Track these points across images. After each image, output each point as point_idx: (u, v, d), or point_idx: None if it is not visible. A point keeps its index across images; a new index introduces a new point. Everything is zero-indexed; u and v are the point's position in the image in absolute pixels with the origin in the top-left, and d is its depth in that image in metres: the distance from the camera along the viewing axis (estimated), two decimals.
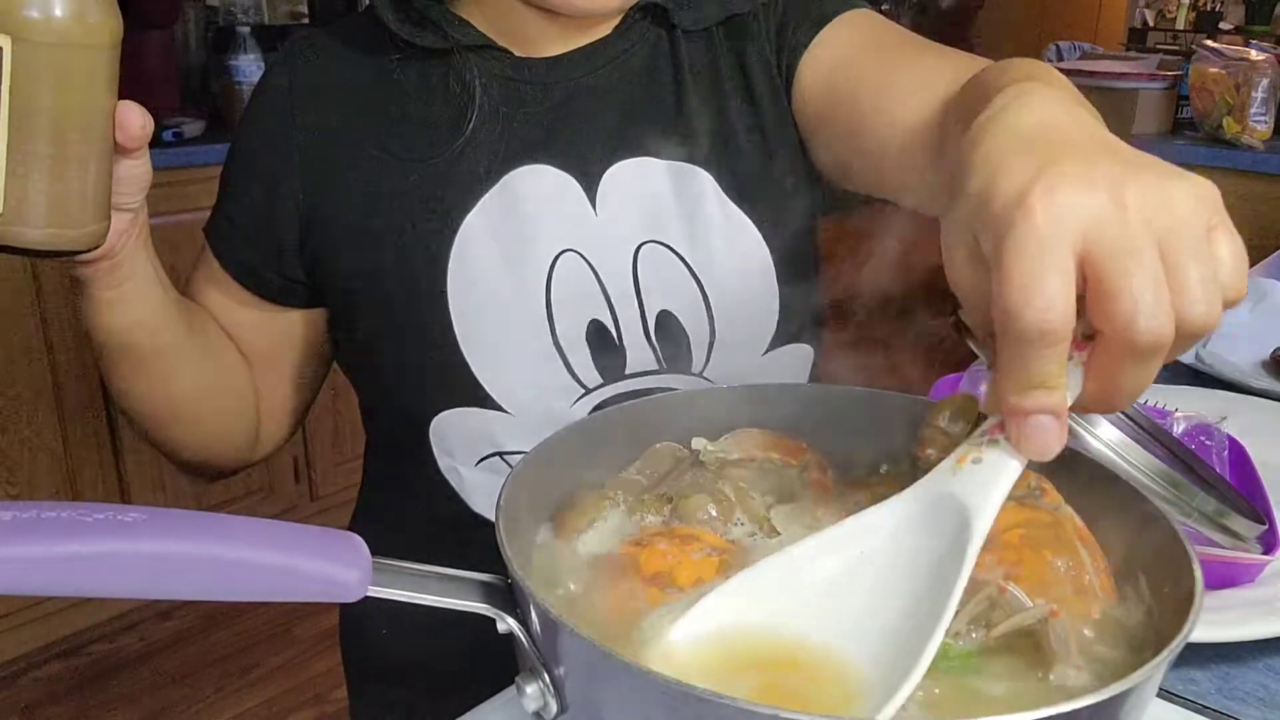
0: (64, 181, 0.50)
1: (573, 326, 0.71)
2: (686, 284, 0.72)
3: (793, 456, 0.62)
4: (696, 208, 0.73)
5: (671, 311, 0.72)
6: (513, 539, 0.46)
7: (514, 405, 0.70)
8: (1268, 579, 0.67)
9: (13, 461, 2.15)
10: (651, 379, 0.72)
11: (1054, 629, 0.47)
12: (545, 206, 0.72)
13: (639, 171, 0.73)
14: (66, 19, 0.47)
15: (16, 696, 2.16)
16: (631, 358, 0.72)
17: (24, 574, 0.40)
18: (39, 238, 0.50)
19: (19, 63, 0.47)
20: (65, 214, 0.51)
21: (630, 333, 0.72)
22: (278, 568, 0.43)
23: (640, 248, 0.72)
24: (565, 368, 0.71)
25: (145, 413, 0.74)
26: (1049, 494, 0.57)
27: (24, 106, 0.48)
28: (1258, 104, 2.44)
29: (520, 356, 0.70)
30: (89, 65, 0.49)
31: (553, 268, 0.71)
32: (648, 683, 0.40)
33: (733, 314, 0.72)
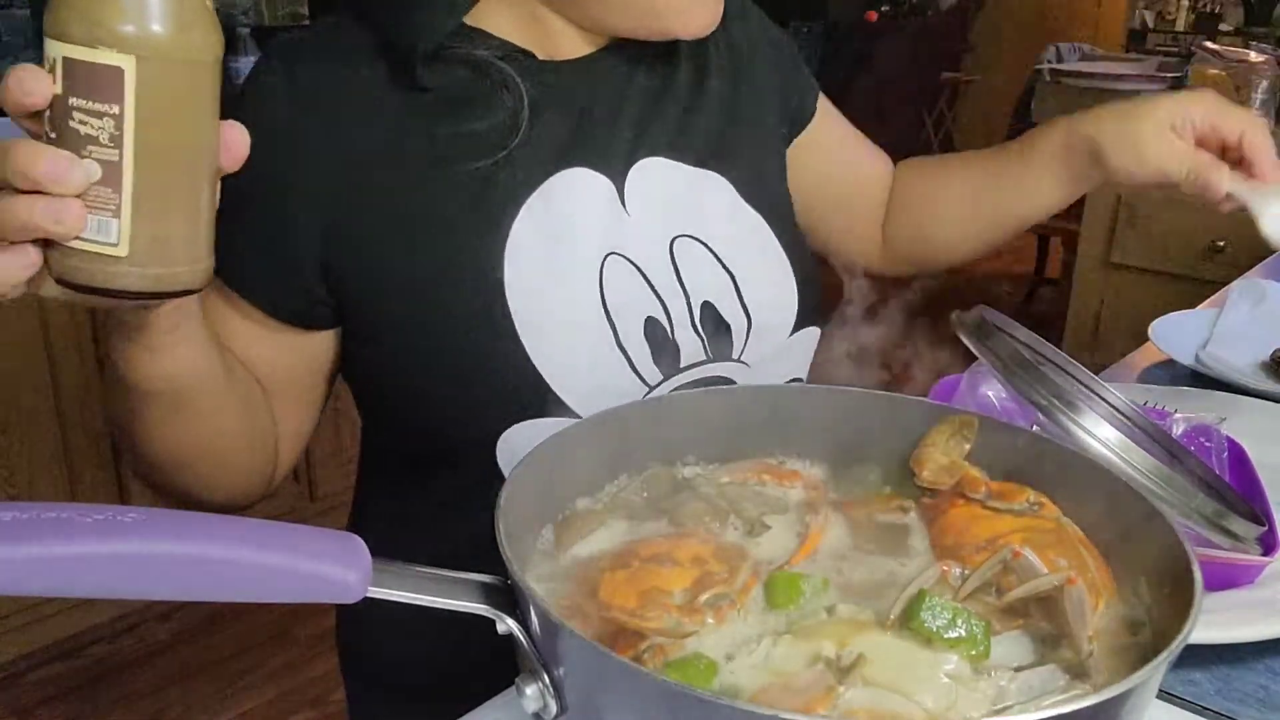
0: (193, 213, 0.47)
1: (631, 326, 0.72)
2: (719, 274, 0.76)
3: (785, 480, 0.62)
4: (713, 204, 0.77)
5: (711, 301, 0.75)
6: (513, 541, 0.46)
7: (587, 410, 0.69)
8: (1267, 580, 0.67)
9: (12, 462, 2.15)
10: (701, 369, 0.74)
11: (1070, 597, 0.47)
12: (583, 209, 0.72)
13: (657, 171, 0.76)
14: (191, 33, 0.44)
15: (16, 698, 2.16)
16: (684, 350, 0.74)
17: (23, 574, 0.40)
18: (164, 277, 0.46)
19: (144, 85, 0.43)
20: (191, 250, 0.47)
21: (680, 326, 0.74)
22: (277, 568, 0.43)
23: (674, 242, 0.75)
24: (630, 367, 0.71)
25: (174, 458, 0.66)
26: (1047, 507, 0.57)
27: (152, 135, 0.44)
28: (1257, 105, 2.44)
29: (589, 362, 0.70)
30: (208, 82, 0.46)
31: (602, 270, 0.71)
32: (648, 684, 0.40)
33: (761, 300, 0.76)
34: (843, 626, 0.47)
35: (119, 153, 0.44)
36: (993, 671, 0.46)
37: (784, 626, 0.49)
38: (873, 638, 0.46)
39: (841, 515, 0.60)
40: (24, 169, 0.43)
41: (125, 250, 0.45)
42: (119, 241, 0.44)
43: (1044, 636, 0.49)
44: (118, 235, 0.44)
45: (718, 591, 0.50)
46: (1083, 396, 0.65)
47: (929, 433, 0.63)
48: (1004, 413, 0.77)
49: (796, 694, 0.43)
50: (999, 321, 0.70)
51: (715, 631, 0.48)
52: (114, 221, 0.44)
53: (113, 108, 0.43)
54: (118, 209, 0.44)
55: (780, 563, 0.55)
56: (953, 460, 0.61)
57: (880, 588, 0.53)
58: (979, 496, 0.58)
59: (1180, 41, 6.36)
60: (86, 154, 0.43)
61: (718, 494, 0.61)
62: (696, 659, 0.46)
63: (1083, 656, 0.46)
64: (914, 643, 0.46)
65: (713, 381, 0.75)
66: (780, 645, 0.46)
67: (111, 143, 0.43)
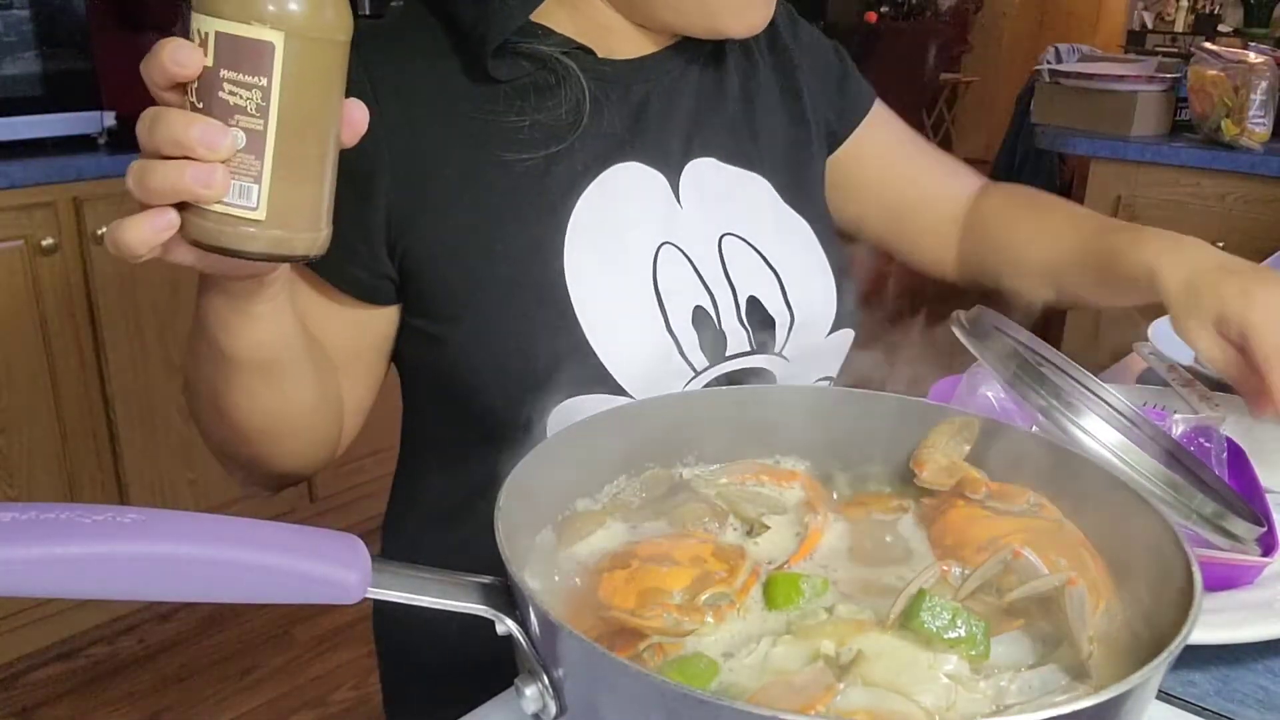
0: (320, 184, 0.50)
1: (681, 314, 0.75)
2: (764, 272, 0.79)
3: (783, 481, 0.63)
4: (757, 206, 0.81)
5: (757, 297, 0.78)
6: (512, 541, 0.46)
7: (636, 389, 0.72)
8: (1266, 581, 0.67)
9: (12, 463, 2.15)
10: (745, 360, 0.77)
11: (1071, 597, 0.47)
12: (638, 200, 0.76)
13: (708, 171, 0.80)
14: (330, 12, 0.47)
15: (16, 698, 2.16)
16: (730, 341, 0.77)
17: (23, 575, 0.40)
18: (292, 242, 0.49)
19: (289, 60, 0.46)
20: (317, 216, 0.50)
21: (727, 317, 0.77)
22: (277, 569, 0.43)
23: (722, 238, 0.78)
24: (679, 351, 0.74)
25: (255, 426, 0.67)
26: (1047, 508, 0.57)
27: (293, 106, 0.46)
28: (1256, 106, 2.44)
29: (640, 342, 0.73)
30: (341, 60, 0.48)
31: (656, 258, 0.75)
32: (647, 685, 0.40)
33: (802, 299, 0.79)
34: (842, 626, 0.47)
35: (263, 122, 0.46)
36: (993, 672, 0.46)
37: (783, 626, 0.49)
38: (872, 638, 0.46)
39: (841, 516, 0.60)
40: (176, 136, 0.45)
41: (263, 214, 0.47)
42: (257, 206, 0.47)
43: (1044, 637, 0.49)
44: (257, 200, 0.47)
45: (717, 591, 0.50)
46: (1082, 397, 0.65)
47: (929, 434, 0.63)
48: (1004, 413, 0.77)
49: (797, 692, 0.43)
50: (998, 322, 0.70)
51: (715, 631, 0.48)
52: (254, 187, 0.47)
53: (261, 80, 0.45)
54: (258, 175, 0.47)
55: (779, 563, 0.55)
56: (953, 461, 0.61)
57: (880, 588, 0.53)
58: (979, 497, 0.58)
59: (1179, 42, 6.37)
60: (234, 123, 0.46)
61: (717, 495, 0.61)
62: (696, 659, 0.46)
63: (1083, 657, 0.46)
64: (914, 643, 0.46)
65: (755, 372, 0.78)
66: (779, 645, 0.46)
67: (258, 113, 0.46)
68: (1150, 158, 2.52)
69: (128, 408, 2.28)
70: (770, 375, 0.78)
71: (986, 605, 0.50)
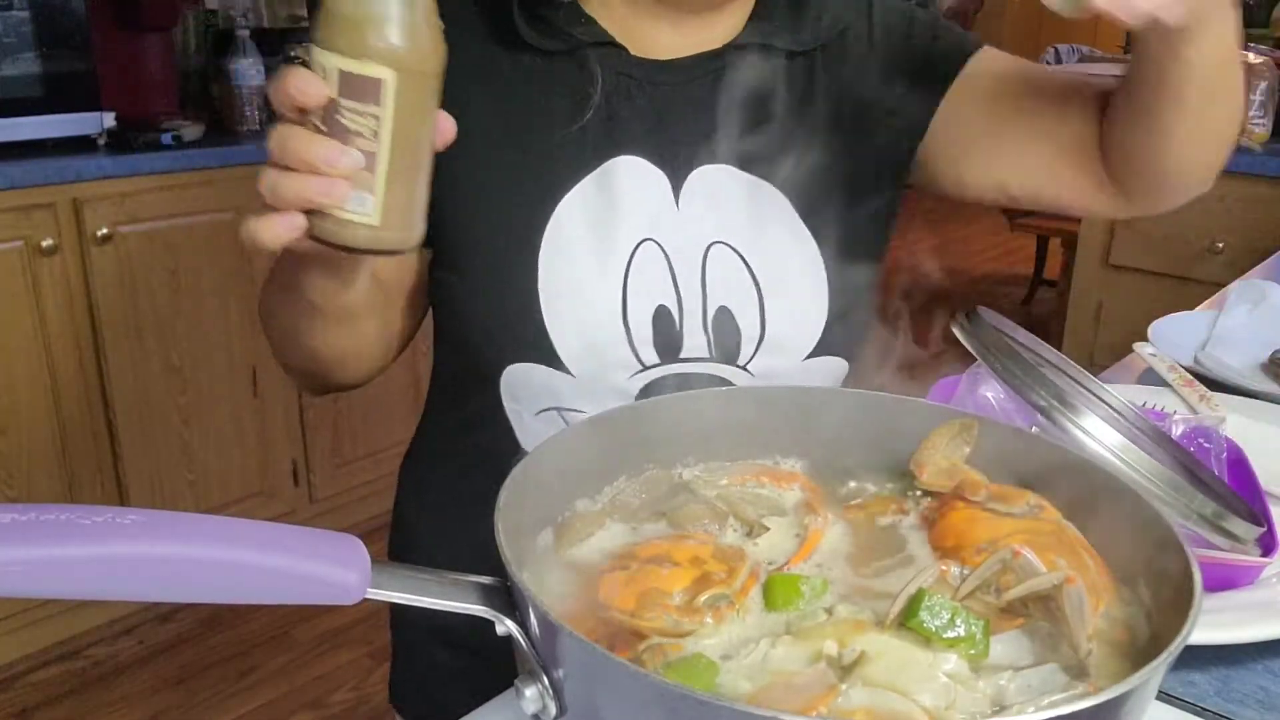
0: (419, 190, 0.58)
1: (642, 308, 0.77)
2: (746, 285, 0.78)
3: (783, 482, 0.63)
4: (766, 220, 0.79)
5: (729, 308, 0.78)
6: (512, 542, 0.46)
7: (578, 370, 0.77)
8: (1266, 581, 0.67)
9: (11, 464, 2.15)
10: (701, 365, 0.78)
11: (1069, 596, 0.47)
12: (635, 195, 0.78)
13: (721, 178, 0.79)
14: (432, 52, 0.56)
15: (15, 699, 2.16)
16: (687, 344, 0.78)
17: (23, 576, 0.40)
18: (399, 239, 0.58)
19: (401, 92, 0.54)
20: (416, 219, 0.58)
21: (691, 321, 0.77)
22: (277, 570, 0.43)
23: (711, 246, 0.78)
24: (629, 344, 0.76)
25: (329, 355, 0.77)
26: (1047, 509, 0.57)
27: (401, 129, 0.55)
28: (1256, 106, 2.44)
29: (591, 327, 0.76)
30: (438, 86, 0.57)
31: (634, 252, 0.77)
32: (647, 685, 0.40)
33: (782, 320, 0.78)
34: (842, 627, 0.47)
35: (377, 144, 0.55)
36: (992, 671, 0.46)
37: (783, 627, 0.49)
38: (872, 638, 0.46)
39: (840, 517, 0.60)
40: (305, 155, 0.54)
41: (377, 220, 0.56)
42: (373, 213, 0.56)
43: (1043, 636, 0.49)
44: (373, 208, 0.56)
45: (716, 592, 0.50)
46: (1082, 398, 0.65)
47: (929, 435, 0.63)
48: (1003, 414, 0.77)
49: (798, 692, 0.43)
50: (998, 323, 0.70)
51: (714, 632, 0.48)
52: (370, 197, 0.55)
53: (374, 109, 0.54)
54: (373, 187, 0.55)
55: (779, 564, 0.55)
56: (953, 463, 0.61)
57: (879, 589, 0.53)
58: (979, 499, 0.58)
59: None
60: (352, 143, 0.55)
61: (717, 496, 0.61)
62: (696, 659, 0.46)
63: (1082, 656, 0.46)
64: (913, 642, 0.46)
65: (713, 380, 0.77)
66: (779, 646, 0.47)
67: (372, 135, 0.55)
68: None
69: (127, 408, 2.28)
70: (730, 386, 0.78)
71: (986, 605, 0.50)
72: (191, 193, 2.27)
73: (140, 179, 2.19)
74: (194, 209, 2.29)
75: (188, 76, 2.68)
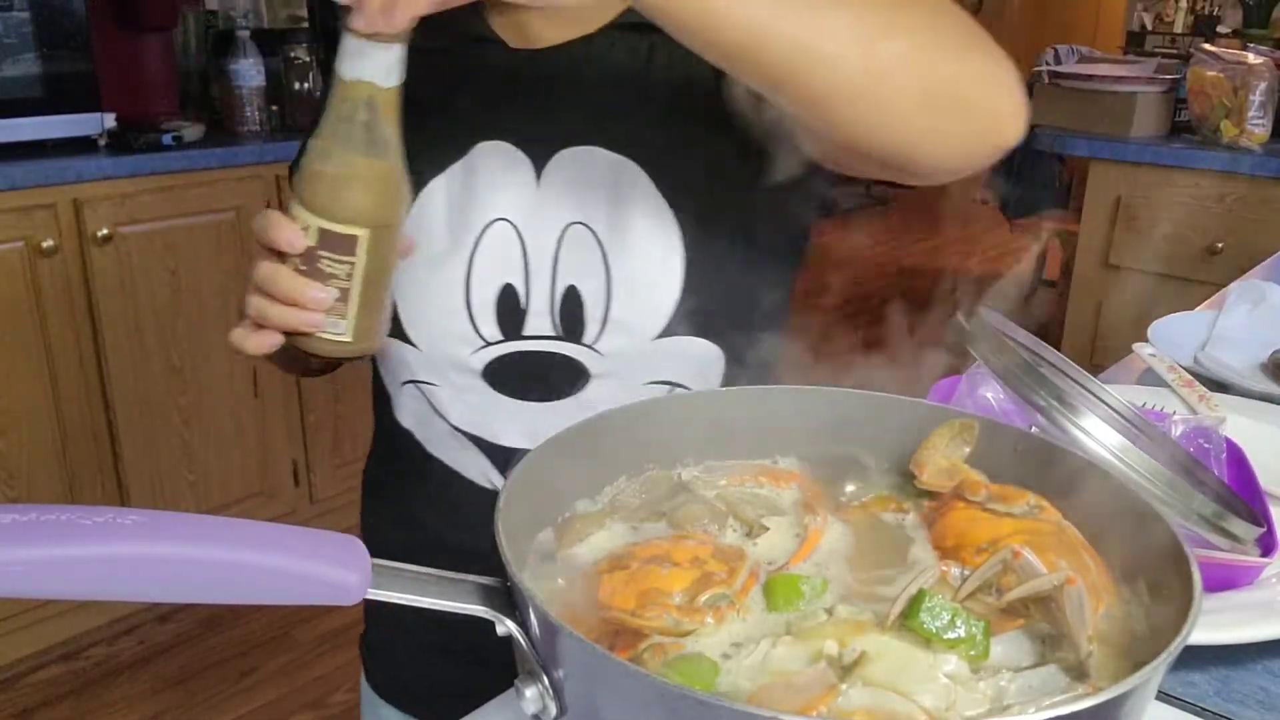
0: (386, 305, 0.68)
1: (487, 285, 0.79)
2: (597, 266, 0.78)
3: (782, 482, 0.63)
4: (626, 200, 0.78)
5: (577, 287, 0.78)
6: (512, 542, 0.46)
7: (423, 343, 0.80)
8: (1266, 581, 0.67)
9: (12, 464, 2.15)
10: (546, 343, 0.79)
11: (1070, 597, 0.47)
12: (496, 178, 0.80)
13: (585, 159, 0.79)
14: (397, 212, 0.65)
15: (15, 700, 2.16)
16: (531, 323, 0.79)
17: (23, 576, 0.40)
18: (367, 347, 0.68)
19: (373, 244, 0.64)
20: (383, 326, 0.69)
21: (537, 300, 0.79)
22: (277, 570, 0.43)
23: (569, 227, 0.79)
24: (469, 320, 0.79)
25: None
26: (1047, 510, 0.57)
27: (373, 270, 0.65)
28: (1255, 107, 2.44)
29: (434, 303, 0.80)
30: (400, 229, 0.66)
31: (485, 231, 0.79)
32: (647, 685, 0.40)
33: (629, 299, 0.78)
34: (842, 627, 0.47)
35: (351, 283, 0.64)
36: (992, 672, 0.46)
37: (783, 627, 0.49)
38: (871, 638, 0.46)
39: (840, 517, 0.60)
40: (288, 294, 0.63)
41: (350, 338, 0.66)
42: (346, 333, 0.66)
43: (1044, 637, 0.49)
44: (346, 329, 0.66)
45: (717, 592, 0.50)
46: (1082, 398, 0.65)
47: (929, 435, 0.63)
48: (1003, 414, 0.77)
49: (799, 692, 0.43)
50: (998, 323, 0.70)
51: (715, 632, 0.48)
52: (343, 322, 0.65)
53: (350, 258, 0.64)
54: (346, 314, 0.65)
55: (779, 564, 0.55)
56: (953, 463, 0.61)
57: (879, 590, 0.53)
58: (979, 499, 0.58)
59: (1178, 43, 6.37)
60: (329, 284, 0.64)
61: (716, 496, 0.61)
62: (696, 659, 0.46)
63: (1082, 657, 0.46)
64: (913, 643, 0.46)
65: (560, 359, 0.78)
66: (779, 646, 0.47)
67: (347, 278, 0.64)
68: (1150, 159, 2.52)
69: (128, 409, 2.28)
70: (579, 365, 0.78)
71: (986, 606, 0.50)
72: (192, 193, 2.27)
73: (140, 179, 2.19)
74: (194, 209, 2.29)
75: (188, 77, 2.68)
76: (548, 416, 0.79)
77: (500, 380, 0.79)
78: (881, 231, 6.27)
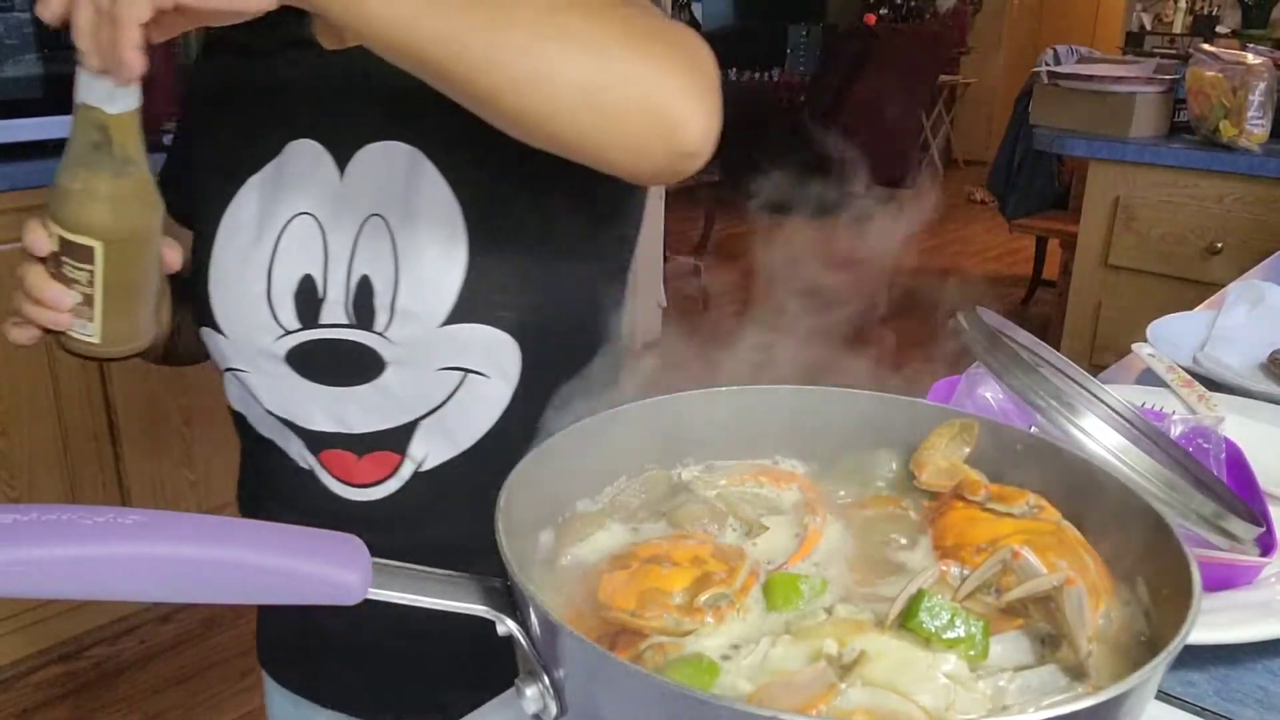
0: (139, 311, 0.74)
1: (287, 275, 0.82)
2: (388, 256, 0.81)
3: (782, 482, 0.63)
4: (417, 191, 0.81)
5: (370, 277, 0.81)
6: (512, 542, 0.47)
7: (230, 332, 0.85)
8: (1265, 581, 0.67)
9: (13, 464, 2.15)
10: (342, 331, 0.81)
11: (1070, 597, 0.47)
12: (303, 175, 0.83)
13: (385, 154, 0.82)
14: (135, 226, 0.70)
15: (16, 700, 2.16)
16: (327, 312, 0.82)
17: (24, 576, 0.40)
18: (120, 349, 0.74)
19: (109, 256, 0.69)
20: (137, 331, 0.74)
21: (334, 290, 0.81)
22: (278, 570, 0.43)
23: (368, 219, 0.82)
24: (269, 309, 0.82)
25: None
26: (1046, 509, 0.57)
27: (113, 279, 0.70)
28: (1254, 107, 2.44)
29: (238, 292, 0.84)
30: (150, 240, 0.72)
31: (288, 225, 0.83)
32: (648, 685, 0.40)
33: (415, 287, 0.80)
34: (841, 627, 0.48)
35: (93, 290, 0.70)
36: (992, 672, 0.46)
37: (783, 627, 0.49)
38: (871, 638, 0.46)
39: (840, 517, 0.60)
40: (36, 294, 0.70)
41: (98, 339, 0.72)
42: (94, 335, 0.72)
43: (1043, 637, 0.49)
44: (93, 332, 0.71)
45: (717, 591, 0.50)
46: (1081, 398, 0.65)
47: (929, 435, 0.63)
48: (1003, 414, 0.77)
49: (798, 691, 0.43)
50: (997, 323, 0.71)
51: (715, 631, 0.48)
52: (91, 324, 0.71)
53: (88, 266, 0.69)
54: (92, 318, 0.71)
55: (779, 564, 0.55)
56: (953, 463, 0.61)
57: (879, 589, 0.53)
58: (979, 499, 0.58)
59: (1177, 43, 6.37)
60: (73, 288, 0.70)
61: (716, 496, 0.61)
62: (696, 659, 0.46)
63: (1082, 657, 0.46)
64: (912, 643, 0.46)
65: (356, 346, 0.81)
66: (779, 645, 0.47)
67: (89, 284, 0.69)
68: (1149, 159, 2.52)
69: (129, 409, 2.28)
70: (374, 352, 0.80)
71: (986, 606, 0.50)
72: None
73: None
74: None
75: (188, 77, 2.68)
76: (349, 401, 0.82)
77: (304, 366, 0.82)
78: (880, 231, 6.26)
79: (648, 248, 3.98)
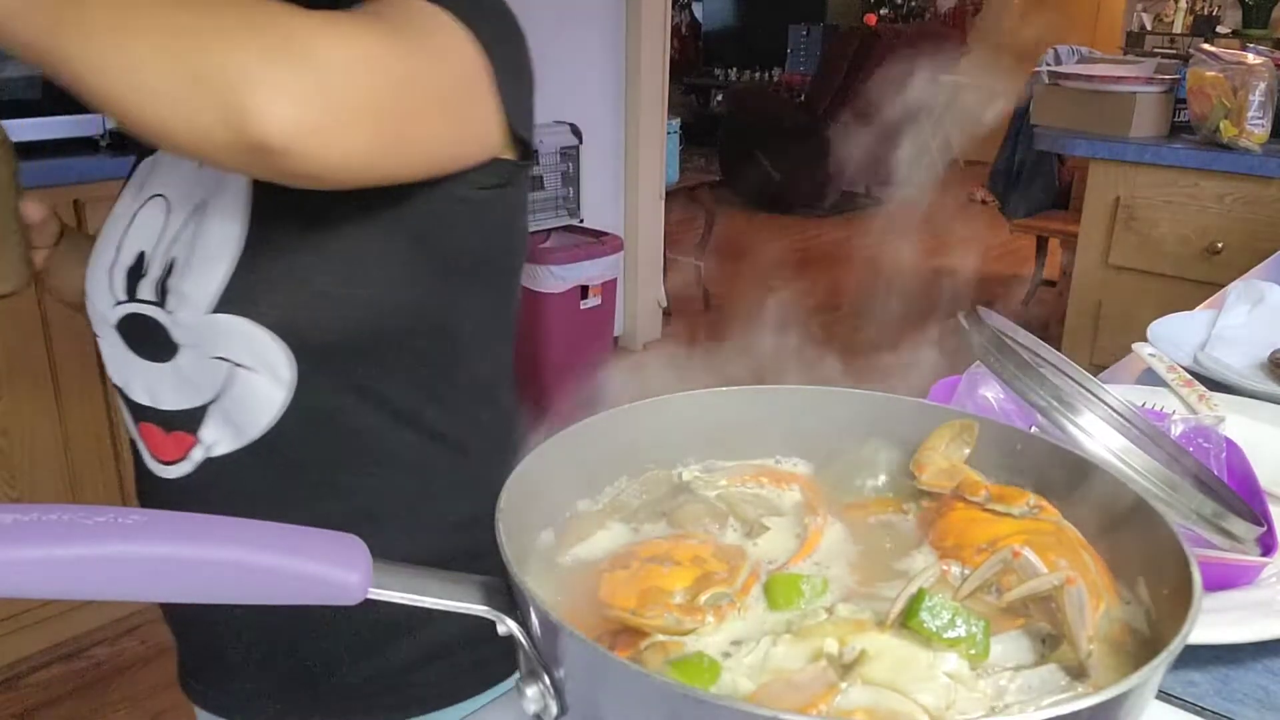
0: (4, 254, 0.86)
1: (130, 251, 0.88)
2: (189, 239, 0.85)
3: (782, 482, 0.63)
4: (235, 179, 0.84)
5: (176, 259, 0.85)
6: (513, 542, 0.47)
7: (88, 298, 0.91)
8: (1266, 581, 0.67)
9: (14, 464, 2.15)
10: (147, 308, 0.85)
11: (1070, 597, 0.47)
12: (172, 160, 0.89)
13: None
14: None
15: (18, 699, 2.16)
16: (143, 287, 0.86)
17: (25, 576, 0.40)
18: None
19: None
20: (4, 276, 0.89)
21: (154, 268, 0.86)
22: (279, 570, 0.43)
23: (200, 205, 0.85)
24: (108, 279, 0.88)
25: None
26: (1047, 509, 0.57)
27: None
28: (1255, 107, 2.44)
29: (96, 262, 0.90)
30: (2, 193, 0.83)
31: (145, 204, 0.89)
32: (648, 684, 0.40)
33: (189, 272, 0.83)
34: (842, 626, 0.48)
35: None
36: (992, 671, 0.46)
37: (783, 626, 0.49)
38: (872, 637, 0.46)
39: (840, 517, 0.60)
40: None
41: None
42: None
43: (1044, 636, 0.49)
44: None
45: (718, 591, 0.50)
46: (1081, 398, 0.65)
47: (930, 436, 0.63)
48: (1003, 414, 0.77)
49: (799, 690, 0.43)
50: (998, 323, 0.71)
51: (716, 631, 0.48)
52: None
53: None
54: None
55: (780, 564, 0.55)
56: (953, 463, 0.61)
57: (879, 589, 0.53)
58: (979, 499, 0.58)
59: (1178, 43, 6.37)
60: None
61: (717, 496, 0.61)
62: (697, 658, 0.46)
63: (1082, 656, 0.46)
64: (913, 642, 0.46)
65: (154, 323, 0.84)
66: (780, 645, 0.47)
67: None
68: (1149, 159, 2.52)
69: None
70: (165, 331, 0.83)
71: (986, 605, 0.50)
72: None
73: None
74: None
75: None
76: (157, 377, 0.85)
77: (129, 337, 0.86)
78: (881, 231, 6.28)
79: (648, 248, 3.98)
